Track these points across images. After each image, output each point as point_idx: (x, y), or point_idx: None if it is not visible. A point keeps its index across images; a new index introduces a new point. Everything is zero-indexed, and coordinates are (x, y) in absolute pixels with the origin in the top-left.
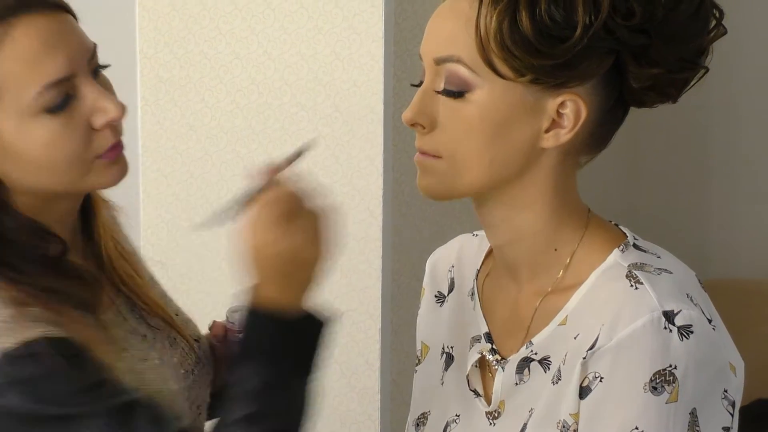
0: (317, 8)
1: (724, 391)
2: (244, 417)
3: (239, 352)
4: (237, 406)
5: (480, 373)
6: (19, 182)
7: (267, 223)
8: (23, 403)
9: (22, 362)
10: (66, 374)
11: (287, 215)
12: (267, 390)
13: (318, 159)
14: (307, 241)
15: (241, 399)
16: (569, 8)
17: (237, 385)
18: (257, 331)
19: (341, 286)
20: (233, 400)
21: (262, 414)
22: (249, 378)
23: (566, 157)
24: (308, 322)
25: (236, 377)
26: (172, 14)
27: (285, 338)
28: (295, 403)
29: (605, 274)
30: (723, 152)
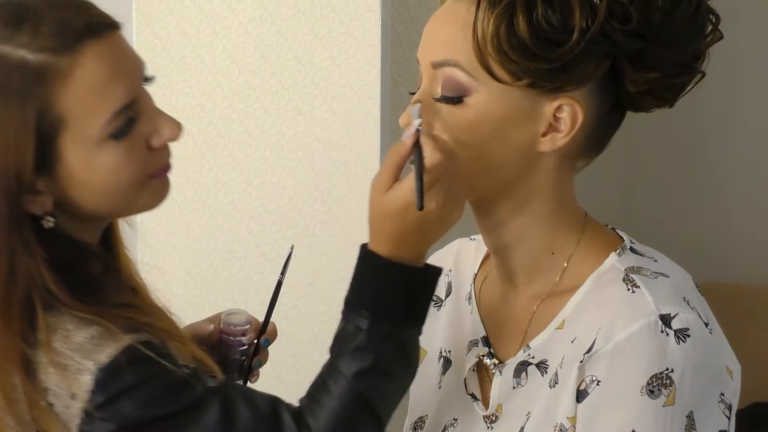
0: (314, 13)
1: (720, 395)
2: (359, 371)
3: (351, 304)
4: (350, 359)
5: (477, 377)
6: (74, 207)
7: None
8: (136, 411)
9: (122, 372)
10: (165, 372)
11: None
12: (383, 341)
13: (315, 163)
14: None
15: (356, 351)
16: (566, 12)
17: (348, 338)
18: (375, 282)
19: (338, 290)
20: (344, 353)
21: (376, 366)
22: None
23: (563, 161)
24: (424, 273)
25: (347, 330)
26: (168, 18)
27: (405, 289)
28: (408, 355)
29: (602, 278)
30: (719, 157)
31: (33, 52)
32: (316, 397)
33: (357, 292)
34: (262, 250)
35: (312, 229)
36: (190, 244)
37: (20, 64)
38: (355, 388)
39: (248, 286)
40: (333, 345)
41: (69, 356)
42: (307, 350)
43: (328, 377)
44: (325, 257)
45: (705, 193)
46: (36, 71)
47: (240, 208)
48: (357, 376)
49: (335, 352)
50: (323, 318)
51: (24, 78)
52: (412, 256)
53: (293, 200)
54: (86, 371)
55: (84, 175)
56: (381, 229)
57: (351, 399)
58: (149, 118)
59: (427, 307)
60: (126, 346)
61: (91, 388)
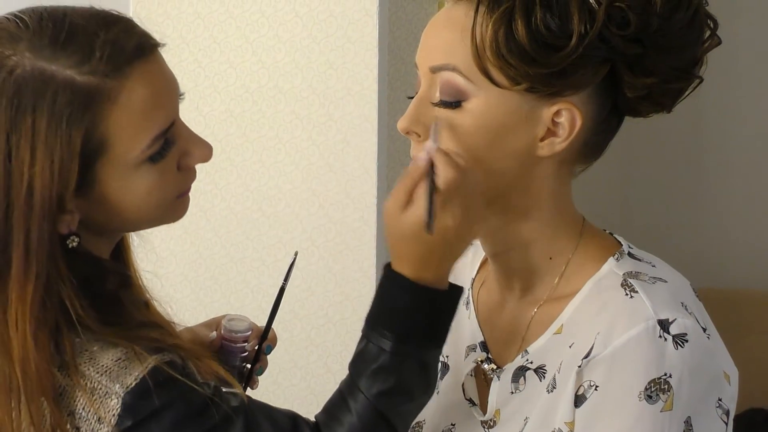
0: (311, 17)
1: (718, 400)
2: (381, 391)
3: (374, 323)
4: (372, 379)
5: (475, 382)
6: (99, 225)
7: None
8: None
9: (149, 395)
10: (190, 393)
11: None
12: (405, 363)
13: (312, 167)
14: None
15: (378, 371)
16: (564, 17)
17: (370, 359)
18: (401, 304)
19: (335, 294)
20: (366, 373)
21: (398, 388)
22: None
23: (561, 166)
24: (449, 295)
25: (369, 350)
26: (166, 23)
27: (431, 312)
28: (429, 376)
29: (600, 283)
30: (715, 163)
31: (82, 74)
32: (335, 414)
33: (381, 313)
34: (259, 255)
35: (309, 233)
36: (188, 248)
37: (69, 85)
38: (376, 407)
39: (245, 291)
40: (354, 363)
41: (96, 379)
42: (304, 354)
43: (348, 395)
44: (322, 261)
45: (701, 199)
46: (85, 94)
47: (237, 212)
48: (378, 397)
49: (356, 371)
50: (320, 322)
51: (72, 100)
52: (436, 277)
53: (290, 205)
54: (113, 394)
55: (116, 196)
56: (403, 250)
57: (371, 418)
58: (183, 140)
59: (449, 327)
60: (152, 368)
61: (119, 411)
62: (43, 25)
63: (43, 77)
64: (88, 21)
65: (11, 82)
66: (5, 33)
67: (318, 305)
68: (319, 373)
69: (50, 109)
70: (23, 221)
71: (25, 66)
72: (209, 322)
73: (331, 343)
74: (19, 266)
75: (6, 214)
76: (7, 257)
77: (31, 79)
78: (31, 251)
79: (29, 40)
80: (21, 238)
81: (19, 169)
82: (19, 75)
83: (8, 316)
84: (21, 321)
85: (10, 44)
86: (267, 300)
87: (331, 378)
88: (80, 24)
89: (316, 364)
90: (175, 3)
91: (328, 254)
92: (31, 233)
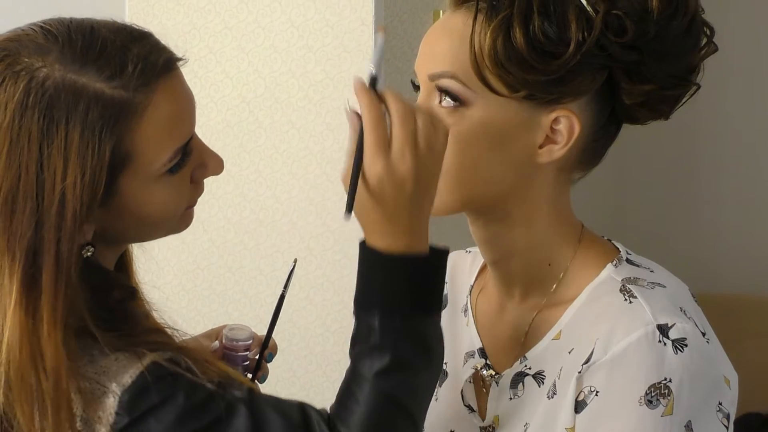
0: (307, 27)
1: (718, 404)
2: (379, 370)
3: (359, 304)
4: (369, 360)
5: (474, 388)
6: (113, 236)
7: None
8: (166, 428)
9: (146, 392)
10: (191, 386)
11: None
12: (397, 336)
13: (309, 177)
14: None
15: (372, 351)
16: (562, 25)
17: (363, 339)
18: (378, 278)
19: (333, 303)
20: (363, 355)
21: (396, 363)
22: (375, 328)
23: (560, 172)
24: (426, 259)
25: (361, 330)
26: (162, 33)
27: (410, 279)
28: (427, 345)
29: (599, 289)
30: (711, 169)
31: (112, 87)
32: (345, 403)
33: (363, 291)
34: (257, 264)
35: (306, 242)
36: (185, 258)
37: (100, 97)
38: (380, 389)
39: (243, 301)
40: (351, 348)
41: (94, 380)
42: (303, 363)
43: (351, 382)
44: (320, 270)
45: (696, 205)
46: (115, 107)
47: (234, 222)
48: (378, 377)
49: (354, 356)
50: (318, 331)
51: (104, 114)
52: (410, 242)
53: (287, 214)
54: (111, 393)
55: (134, 207)
56: (366, 222)
57: (378, 401)
58: (198, 152)
59: (440, 292)
60: (149, 364)
61: (116, 409)
62: (72, 38)
63: (74, 89)
64: (116, 35)
65: (42, 94)
66: (34, 44)
67: (316, 314)
68: (317, 383)
69: (83, 122)
70: (55, 232)
71: (56, 77)
72: (209, 332)
73: (330, 352)
74: (50, 277)
75: (37, 225)
76: (37, 268)
77: (63, 91)
78: (61, 262)
79: (59, 51)
80: (52, 249)
81: (51, 181)
82: (50, 86)
83: (40, 327)
84: (53, 331)
85: (40, 55)
86: (265, 310)
87: (330, 387)
88: (109, 38)
89: (315, 373)
90: (171, 14)
91: (326, 263)
92: (62, 244)
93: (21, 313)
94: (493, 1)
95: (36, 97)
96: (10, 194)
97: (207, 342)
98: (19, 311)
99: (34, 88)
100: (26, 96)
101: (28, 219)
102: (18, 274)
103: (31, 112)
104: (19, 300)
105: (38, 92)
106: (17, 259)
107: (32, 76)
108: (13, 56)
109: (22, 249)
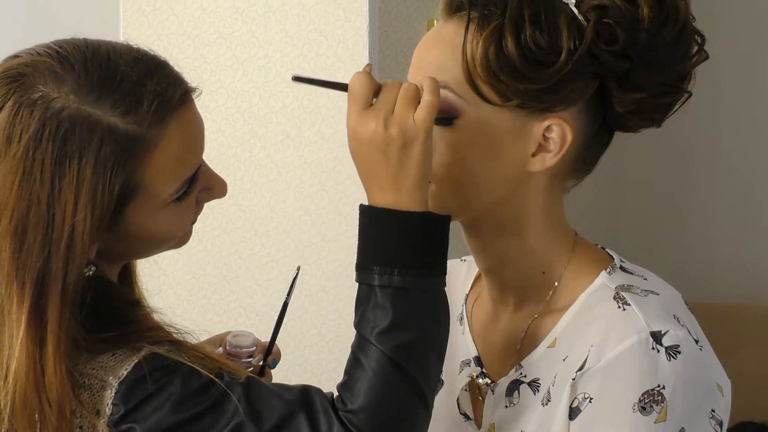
0: (302, 36)
1: (711, 411)
2: (380, 330)
3: (360, 265)
4: (372, 321)
5: (470, 396)
6: (117, 255)
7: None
8: (165, 417)
9: (141, 381)
10: (188, 373)
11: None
12: (398, 295)
13: (304, 186)
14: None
15: (375, 310)
16: (554, 34)
17: (364, 301)
18: (375, 234)
19: (329, 312)
20: (364, 317)
21: (397, 322)
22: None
23: (553, 180)
24: (424, 217)
25: (361, 293)
26: (156, 43)
27: (407, 235)
28: (430, 306)
29: (593, 296)
30: (703, 177)
31: (126, 122)
32: (350, 372)
33: (362, 251)
34: (252, 274)
35: (301, 252)
36: (180, 268)
37: (113, 132)
38: (384, 352)
39: (239, 310)
40: (355, 313)
41: (93, 375)
42: (298, 372)
43: (356, 349)
44: (314, 280)
45: (689, 214)
46: (128, 142)
47: (229, 231)
48: (380, 337)
49: (357, 320)
50: (314, 341)
51: (116, 149)
52: (405, 200)
53: (283, 223)
54: (108, 386)
55: (140, 232)
56: (363, 178)
57: (383, 366)
58: (204, 177)
59: (440, 255)
60: (147, 354)
61: (112, 400)
62: (88, 68)
63: (88, 122)
64: (132, 67)
65: (57, 126)
66: (50, 72)
67: (311, 323)
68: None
69: (95, 157)
70: (63, 266)
71: (71, 109)
72: (213, 339)
73: (325, 361)
74: (56, 307)
75: (46, 257)
76: (45, 298)
77: (78, 124)
78: (67, 293)
79: (75, 82)
80: (59, 280)
81: (61, 215)
82: (65, 118)
83: (46, 358)
84: (58, 363)
85: (55, 84)
86: (260, 319)
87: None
88: (126, 71)
89: (309, 381)
90: (166, 24)
91: (321, 272)
92: (69, 276)
93: (28, 342)
94: (484, 11)
95: (51, 129)
96: (20, 224)
97: (211, 348)
98: (26, 340)
99: (49, 119)
100: (41, 127)
101: (38, 250)
102: (26, 303)
103: (45, 144)
104: (26, 330)
105: (53, 124)
106: (26, 289)
107: (48, 107)
108: (30, 83)
109: (31, 279)
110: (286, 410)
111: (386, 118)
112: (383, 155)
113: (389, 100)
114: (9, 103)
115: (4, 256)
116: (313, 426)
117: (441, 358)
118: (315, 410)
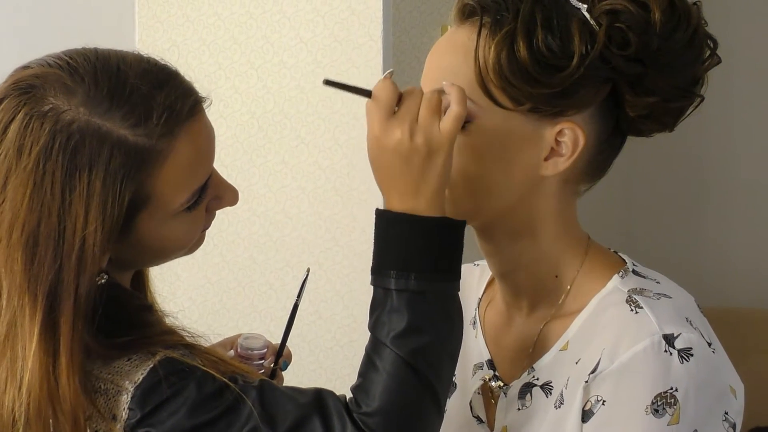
0: (316, 42)
1: (725, 414)
2: (396, 333)
3: (375, 269)
4: (387, 325)
5: (483, 399)
6: (128, 263)
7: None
8: (181, 421)
9: (157, 386)
10: (203, 378)
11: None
12: (413, 300)
13: (318, 191)
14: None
15: (390, 314)
16: (566, 38)
17: (379, 305)
18: (392, 238)
19: (343, 317)
20: (380, 321)
21: (413, 326)
22: (391, 293)
23: (565, 185)
24: (439, 222)
25: (377, 297)
26: (171, 50)
27: (424, 239)
28: (445, 311)
29: (605, 300)
30: (718, 183)
31: (136, 135)
32: (365, 374)
33: (378, 255)
34: (267, 279)
35: (316, 257)
36: (195, 273)
37: (123, 144)
38: (400, 356)
39: (253, 315)
40: (370, 317)
41: (108, 380)
42: (312, 377)
43: (371, 351)
44: (329, 285)
45: (703, 220)
46: (138, 154)
47: (244, 237)
48: (396, 340)
49: (372, 324)
50: (328, 345)
51: (126, 162)
52: (426, 206)
53: (297, 229)
54: (124, 391)
55: (150, 241)
56: (382, 183)
57: (398, 368)
58: (215, 186)
59: (455, 260)
60: (162, 359)
61: (128, 405)
62: (98, 80)
63: (98, 135)
64: (142, 79)
65: (68, 139)
66: (60, 84)
67: (326, 328)
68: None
69: (105, 169)
70: (75, 278)
71: (81, 122)
72: (224, 341)
73: (339, 365)
74: (68, 319)
75: (58, 269)
76: (58, 310)
77: (88, 136)
78: (79, 303)
79: (84, 93)
80: (71, 292)
81: (72, 228)
82: (75, 131)
83: (59, 369)
84: (72, 375)
85: (66, 97)
86: (275, 324)
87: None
88: (134, 83)
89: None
90: (181, 30)
91: (335, 277)
92: (81, 287)
93: (41, 353)
94: (497, 16)
95: (61, 142)
96: (31, 236)
97: (222, 351)
98: (39, 352)
99: (59, 132)
100: (51, 140)
101: (49, 262)
102: (39, 315)
103: (55, 156)
104: (39, 341)
105: (63, 137)
106: (38, 301)
107: (58, 119)
108: (40, 95)
109: (44, 291)
110: (300, 413)
111: (411, 128)
112: (406, 163)
113: (412, 109)
114: (20, 115)
115: (17, 269)
116: (328, 429)
117: (454, 362)
118: (329, 413)
